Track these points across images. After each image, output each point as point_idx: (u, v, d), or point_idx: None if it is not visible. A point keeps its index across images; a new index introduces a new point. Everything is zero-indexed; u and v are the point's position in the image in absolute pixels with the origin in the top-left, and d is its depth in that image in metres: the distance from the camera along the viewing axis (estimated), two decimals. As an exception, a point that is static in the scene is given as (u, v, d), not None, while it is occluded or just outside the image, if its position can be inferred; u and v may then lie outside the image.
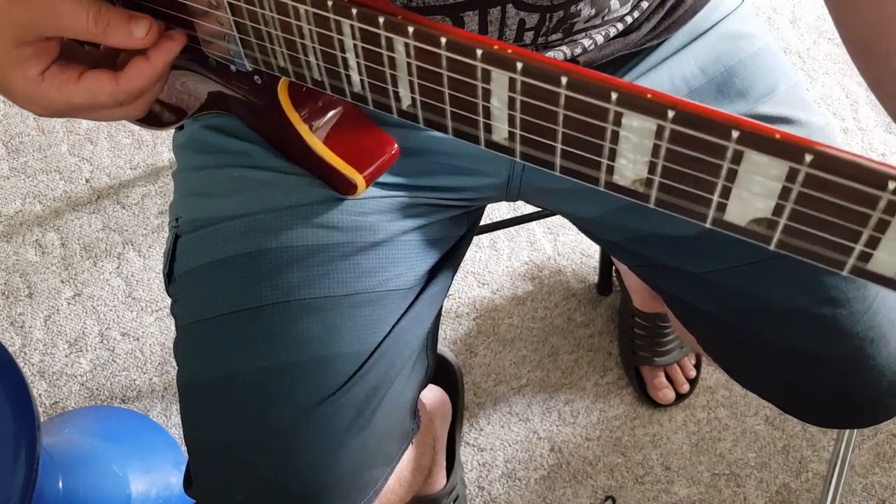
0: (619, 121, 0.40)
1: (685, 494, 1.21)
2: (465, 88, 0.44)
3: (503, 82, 0.42)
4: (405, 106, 0.49)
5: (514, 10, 0.57)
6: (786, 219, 0.38)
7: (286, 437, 0.63)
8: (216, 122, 0.68)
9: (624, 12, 0.63)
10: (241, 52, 0.54)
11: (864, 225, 0.36)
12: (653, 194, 0.42)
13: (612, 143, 0.41)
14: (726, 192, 0.39)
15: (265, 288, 0.64)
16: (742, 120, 0.37)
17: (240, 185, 0.66)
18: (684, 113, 0.37)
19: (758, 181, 0.38)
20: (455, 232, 0.75)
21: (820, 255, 0.39)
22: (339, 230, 0.65)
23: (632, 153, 0.41)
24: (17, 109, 1.52)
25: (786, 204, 0.38)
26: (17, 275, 1.37)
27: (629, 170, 0.42)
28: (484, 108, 0.45)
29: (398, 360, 0.68)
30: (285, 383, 0.63)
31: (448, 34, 0.43)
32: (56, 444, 1.13)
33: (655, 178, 0.41)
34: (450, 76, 0.44)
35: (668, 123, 0.38)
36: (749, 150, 0.37)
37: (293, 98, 0.59)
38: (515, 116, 0.44)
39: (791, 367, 0.69)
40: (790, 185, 0.37)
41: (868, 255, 0.37)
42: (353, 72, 0.49)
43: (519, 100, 0.43)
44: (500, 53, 0.41)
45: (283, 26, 0.49)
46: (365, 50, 0.47)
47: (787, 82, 0.70)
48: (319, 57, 0.50)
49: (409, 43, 0.44)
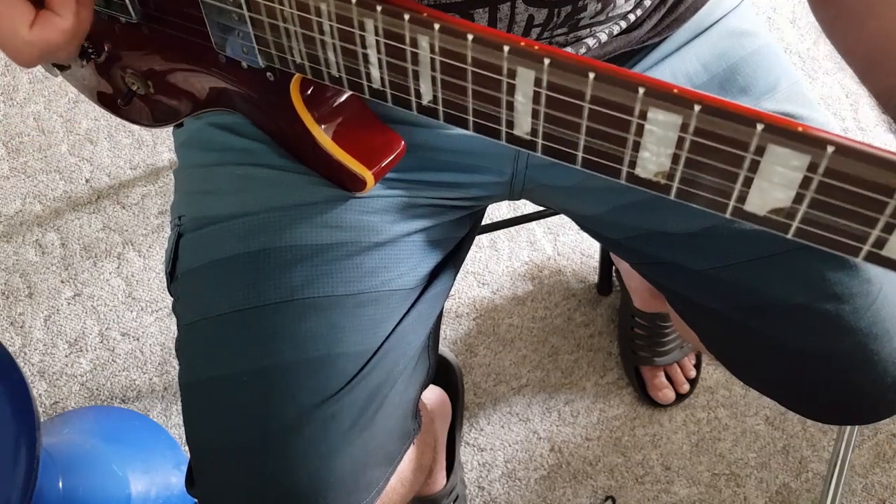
0: (645, 115, 0.40)
1: (685, 494, 1.21)
2: (489, 84, 0.45)
3: (529, 78, 0.43)
4: (426, 101, 0.49)
5: (523, 6, 0.57)
6: (805, 208, 0.39)
7: (288, 436, 0.63)
8: (220, 120, 0.68)
9: (628, 9, 0.63)
10: (255, 48, 0.54)
11: (882, 212, 0.37)
12: (675, 186, 0.43)
13: (636, 136, 0.42)
14: (748, 183, 0.40)
15: (268, 287, 0.64)
16: (765, 113, 0.38)
17: (243, 183, 0.66)
18: (711, 106, 0.39)
19: (779, 172, 0.39)
20: (457, 233, 0.75)
21: (836, 242, 0.40)
22: (343, 230, 0.65)
23: (655, 146, 0.42)
24: (18, 109, 1.52)
25: (805, 193, 0.39)
26: (17, 275, 1.37)
27: (652, 162, 0.43)
28: (508, 102, 0.45)
29: (400, 361, 0.68)
30: (288, 382, 0.63)
31: (475, 31, 0.43)
32: (56, 444, 1.13)
33: (678, 170, 0.42)
34: (474, 72, 0.45)
35: (695, 116, 0.39)
36: (772, 142, 0.38)
37: (304, 95, 0.59)
38: (539, 111, 0.44)
39: (794, 364, 0.69)
40: (811, 174, 0.38)
41: (883, 240, 0.39)
42: (373, 68, 0.49)
43: (544, 94, 0.43)
44: (528, 49, 0.42)
45: (303, 22, 0.49)
46: (388, 46, 0.47)
47: (789, 79, 0.70)
48: (339, 53, 0.50)
49: (434, 39, 0.44)
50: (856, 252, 0.40)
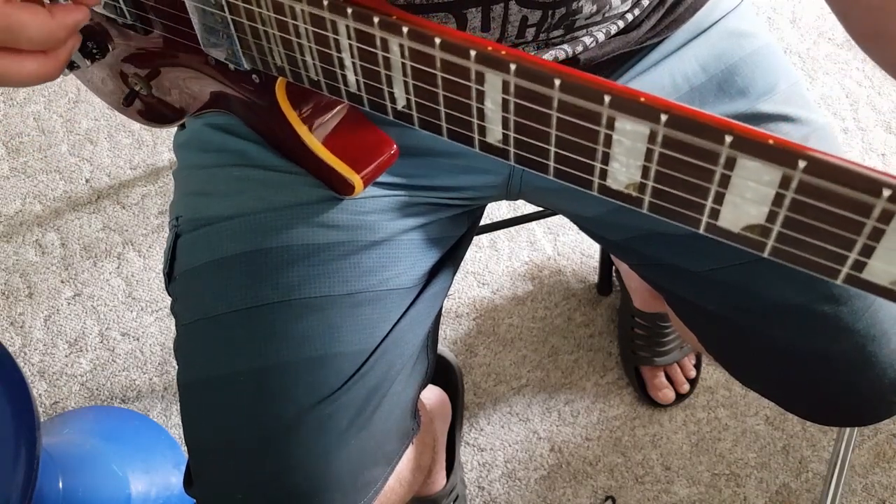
0: (613, 124, 0.39)
1: (685, 494, 1.21)
2: (459, 90, 0.44)
3: (497, 84, 0.42)
4: (400, 107, 0.49)
5: (516, 7, 0.57)
6: (779, 226, 0.38)
7: (286, 436, 0.63)
8: (217, 121, 0.68)
9: (625, 9, 0.63)
10: (238, 51, 0.54)
11: (859, 233, 0.35)
12: (646, 199, 0.42)
13: (605, 147, 0.41)
14: (720, 198, 0.39)
15: (266, 287, 0.64)
16: (736, 125, 0.36)
17: (240, 184, 0.66)
18: (677, 117, 0.37)
19: (751, 187, 0.37)
20: (455, 231, 0.75)
21: (814, 263, 0.38)
22: (340, 229, 0.65)
23: (625, 157, 0.40)
24: (18, 109, 1.52)
25: (779, 210, 0.37)
26: (17, 275, 1.37)
27: (622, 174, 0.41)
28: (478, 109, 0.44)
29: (398, 360, 0.68)
30: (286, 382, 0.63)
31: (442, 35, 0.42)
32: (56, 444, 1.13)
33: (649, 183, 0.41)
34: (444, 77, 0.44)
35: (661, 127, 0.38)
36: (742, 155, 0.36)
37: (291, 97, 0.59)
38: (509, 119, 0.44)
39: (792, 365, 0.69)
40: (784, 191, 0.36)
41: (862, 263, 0.37)
42: (349, 72, 0.49)
43: (512, 102, 0.42)
44: (494, 54, 0.41)
45: (280, 25, 0.49)
46: (360, 50, 0.47)
47: (788, 80, 0.70)
48: (316, 56, 0.50)
49: (404, 43, 0.44)
50: (834, 274, 0.38)
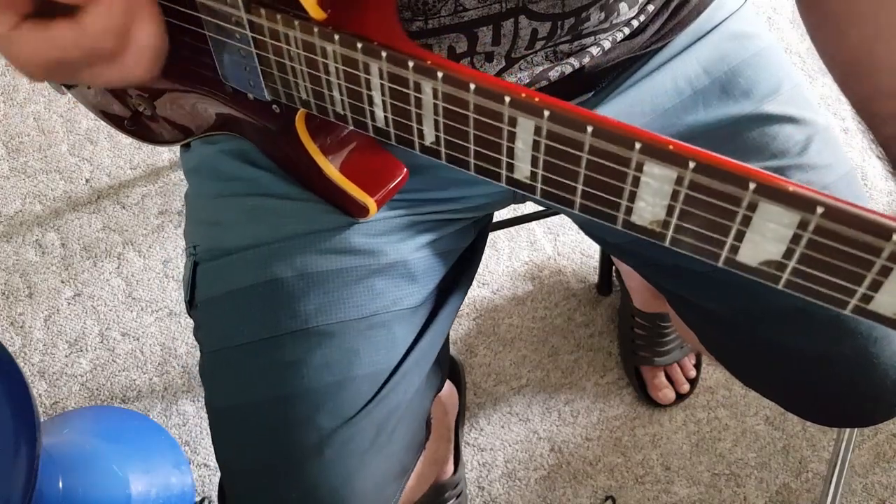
0: (641, 168, 0.41)
1: (685, 494, 1.21)
2: (490, 130, 0.45)
3: (529, 127, 0.43)
4: (428, 143, 0.49)
5: (526, 21, 0.58)
6: (795, 262, 0.41)
7: (310, 460, 0.64)
8: (229, 147, 0.69)
9: (631, 15, 0.63)
10: (261, 83, 0.54)
11: (868, 270, 0.39)
12: (669, 234, 0.44)
13: (632, 187, 0.43)
14: (740, 236, 0.41)
15: (284, 316, 0.65)
16: (759, 172, 0.39)
17: (253, 214, 0.68)
18: (704, 164, 0.39)
19: (771, 228, 0.40)
20: (463, 242, 0.76)
21: (825, 296, 0.41)
22: (352, 254, 0.66)
23: (651, 197, 0.42)
24: (18, 109, 1.52)
25: (796, 248, 0.40)
26: (17, 275, 1.37)
27: (647, 211, 0.43)
28: (508, 148, 0.46)
29: (417, 379, 0.70)
30: (307, 408, 0.65)
31: (477, 80, 0.44)
32: (56, 444, 1.13)
33: (672, 221, 0.43)
34: (476, 118, 0.45)
35: (689, 172, 0.40)
36: (764, 200, 0.39)
37: (309, 127, 0.60)
38: (539, 158, 0.45)
39: (794, 366, 0.69)
40: (801, 232, 0.39)
41: (870, 297, 0.40)
42: (377, 108, 0.50)
43: (544, 143, 0.44)
44: (528, 101, 0.42)
45: (309, 62, 0.50)
46: (392, 90, 0.47)
47: (791, 81, 0.70)
48: (345, 93, 0.50)
49: (437, 87, 0.45)
50: (843, 305, 0.41)
